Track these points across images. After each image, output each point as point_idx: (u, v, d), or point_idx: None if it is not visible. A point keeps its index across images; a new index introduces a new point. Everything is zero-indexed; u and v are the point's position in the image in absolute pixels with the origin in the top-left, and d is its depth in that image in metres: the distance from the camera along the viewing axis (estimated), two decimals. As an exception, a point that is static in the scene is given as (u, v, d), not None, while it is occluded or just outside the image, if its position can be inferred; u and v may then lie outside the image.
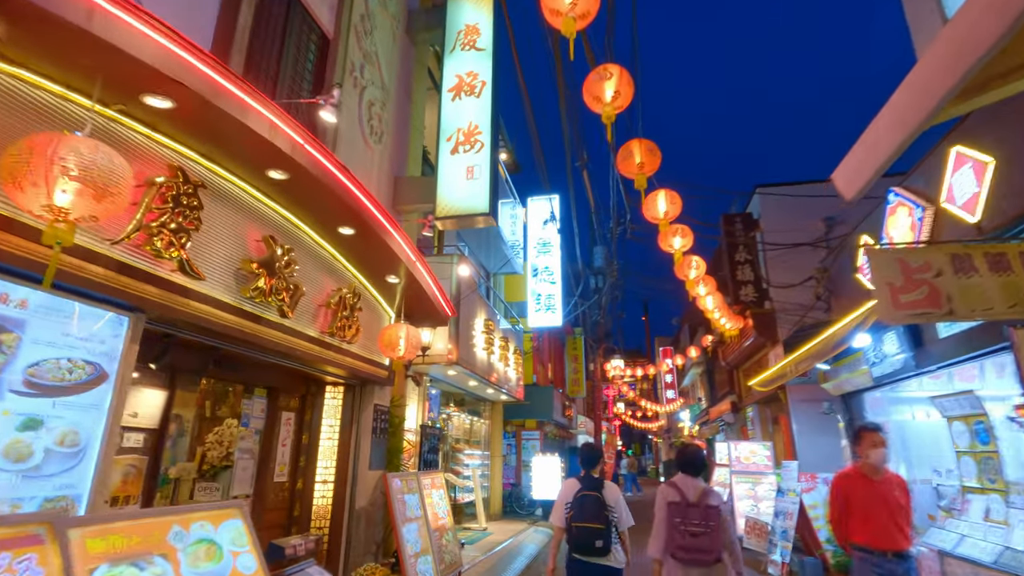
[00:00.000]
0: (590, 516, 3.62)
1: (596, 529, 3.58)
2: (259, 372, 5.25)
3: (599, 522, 3.59)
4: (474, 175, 7.04)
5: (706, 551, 3.32)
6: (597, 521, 3.59)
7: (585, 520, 3.62)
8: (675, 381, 33.76)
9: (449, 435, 11.62)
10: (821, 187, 11.91)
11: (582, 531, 3.61)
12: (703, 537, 3.35)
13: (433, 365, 8.57)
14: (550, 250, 15.16)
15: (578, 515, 3.67)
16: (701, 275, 6.88)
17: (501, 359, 10.87)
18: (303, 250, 4.85)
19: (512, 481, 15.53)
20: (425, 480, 6.14)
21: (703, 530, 3.37)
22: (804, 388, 10.31)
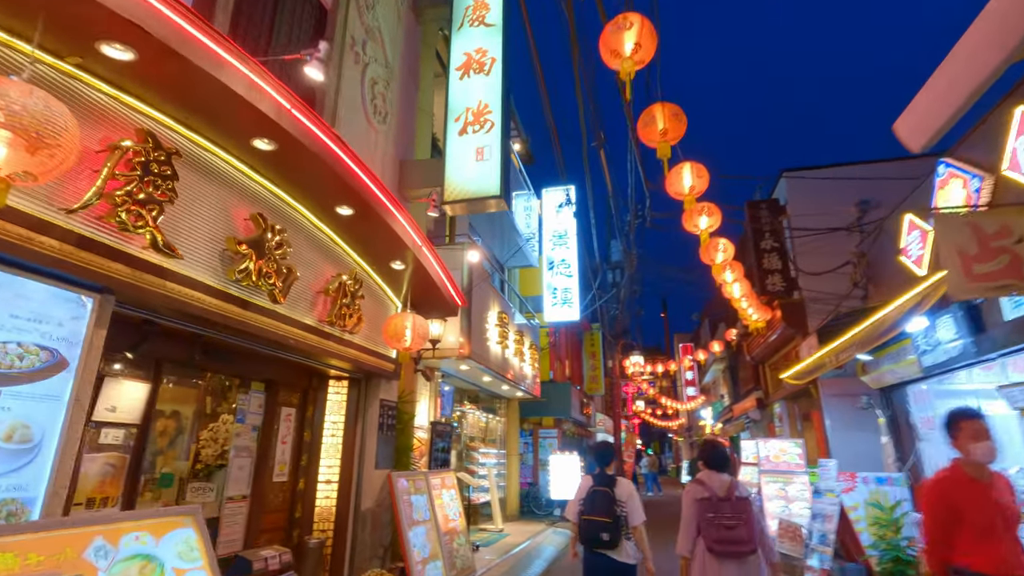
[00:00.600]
0: (598, 510, 3.77)
1: (603, 522, 3.72)
2: (255, 364, 4.91)
3: (606, 516, 3.73)
4: (484, 156, 6.64)
5: (742, 542, 3.34)
6: (605, 515, 3.73)
7: (593, 514, 3.78)
8: (695, 378, 33.02)
9: (464, 433, 11.26)
10: (852, 170, 11.33)
11: (589, 524, 3.78)
12: (738, 529, 3.37)
13: (444, 359, 8.19)
14: (566, 242, 14.69)
15: (588, 509, 3.84)
16: (729, 259, 6.40)
17: (516, 354, 10.47)
18: (297, 231, 4.49)
19: (529, 480, 15.13)
20: (435, 480, 5.76)
21: (737, 522, 3.39)
22: (838, 382, 9.71)
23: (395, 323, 5.43)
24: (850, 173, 11.04)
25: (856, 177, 10.41)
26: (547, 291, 14.47)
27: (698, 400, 31.20)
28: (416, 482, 5.33)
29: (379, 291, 5.95)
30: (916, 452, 6.85)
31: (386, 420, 6.15)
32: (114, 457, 3.66)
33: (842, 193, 10.84)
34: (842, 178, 10.63)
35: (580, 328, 21.75)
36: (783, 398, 12.72)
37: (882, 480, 7.07)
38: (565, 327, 17.85)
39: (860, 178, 10.36)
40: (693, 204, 4.83)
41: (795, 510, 9.60)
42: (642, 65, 3.67)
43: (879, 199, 10.52)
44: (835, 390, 9.81)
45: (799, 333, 10.60)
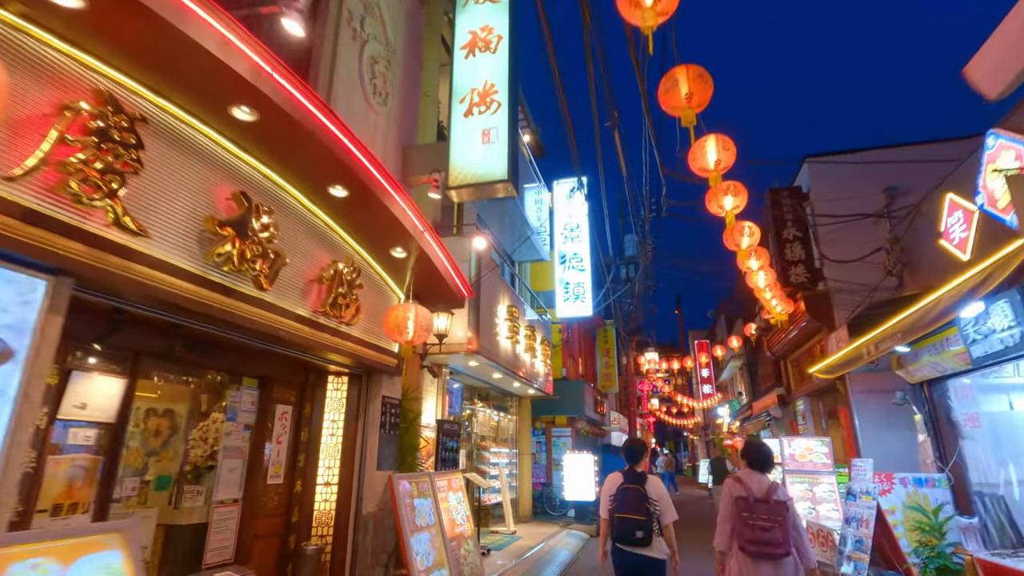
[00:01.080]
0: (631, 508, 3.74)
1: (637, 520, 3.70)
2: (247, 359, 4.58)
3: (640, 514, 3.71)
4: (491, 138, 6.26)
5: (776, 544, 3.31)
6: (638, 513, 3.71)
7: (626, 512, 3.75)
8: (712, 376, 32.37)
9: (474, 432, 10.90)
10: (878, 155, 10.77)
11: (623, 522, 3.74)
12: (773, 531, 3.33)
13: (452, 355, 7.84)
14: (578, 235, 14.27)
15: (619, 507, 3.80)
16: (754, 244, 5.95)
17: (527, 350, 10.09)
18: (287, 213, 4.15)
19: (542, 481, 14.74)
20: (440, 481, 5.40)
21: (772, 524, 3.36)
22: (868, 377, 9.20)
23: (396, 314, 5.08)
24: (876, 159, 10.51)
25: (885, 161, 9.87)
26: (559, 286, 14.08)
27: (714, 398, 30.55)
28: (420, 484, 4.97)
29: (379, 281, 5.60)
30: (959, 451, 6.35)
31: (389, 418, 5.80)
32: (85, 459, 3.34)
33: (868, 179, 10.32)
34: (870, 162, 10.08)
35: (593, 324, 21.30)
36: (807, 395, 12.20)
37: (922, 481, 6.59)
38: (578, 323, 17.43)
39: (890, 161, 9.81)
40: (719, 181, 4.41)
41: (823, 512, 9.12)
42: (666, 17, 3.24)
43: (907, 185, 10.01)
44: (865, 386, 9.30)
45: (824, 326, 10.10)
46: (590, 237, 14.32)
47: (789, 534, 3.37)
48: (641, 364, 20.57)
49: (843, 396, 9.63)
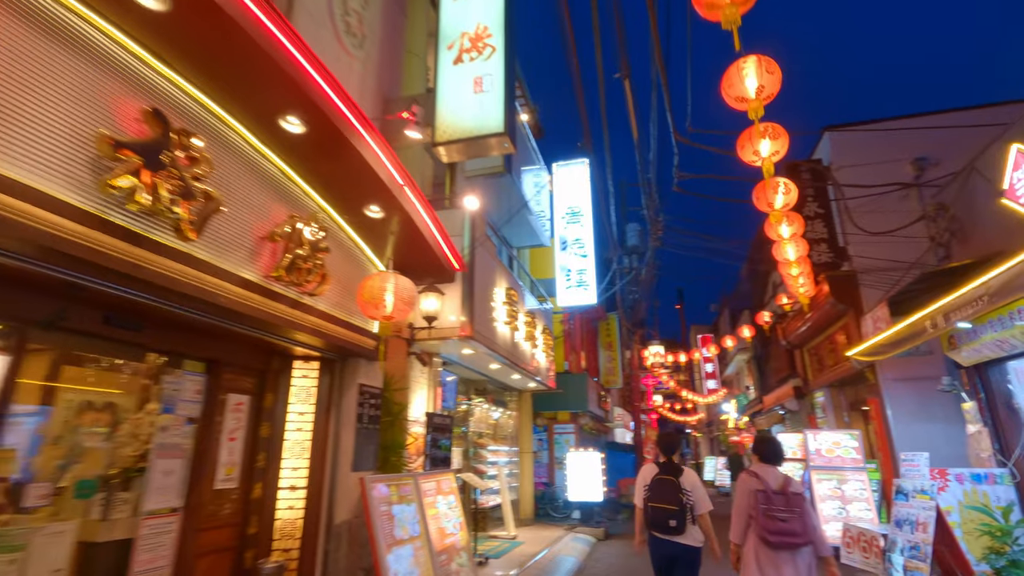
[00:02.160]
0: (665, 499, 3.85)
1: (670, 510, 3.81)
2: (188, 337, 3.75)
3: (673, 504, 3.81)
4: (484, 87, 5.45)
5: (796, 535, 3.41)
6: (671, 503, 3.82)
7: (660, 501, 3.87)
8: (716, 371, 31.57)
9: (471, 429, 10.07)
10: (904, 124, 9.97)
11: (657, 511, 3.87)
12: (792, 522, 3.43)
13: (444, 342, 7.01)
14: (580, 220, 13.45)
15: (654, 496, 3.93)
16: (790, 205, 5.12)
17: (528, 339, 9.26)
18: (227, 151, 3.32)
19: (544, 480, 13.92)
20: (427, 484, 4.57)
21: (790, 515, 3.45)
22: (902, 364, 8.39)
23: (372, 285, 4.25)
24: (902, 127, 9.70)
25: (912, 128, 9.08)
26: (560, 273, 13.25)
27: (719, 393, 29.77)
28: (401, 488, 4.14)
29: (352, 247, 4.77)
30: (1022, 442, 5.55)
31: (367, 411, 4.97)
32: (-60, 460, 2.51)
33: (894, 151, 9.53)
34: (897, 129, 9.29)
35: (595, 317, 20.48)
36: (827, 385, 11.39)
37: (980, 478, 5.78)
38: (580, 314, 16.60)
39: (919, 128, 9.02)
40: (760, 113, 3.59)
41: (853, 512, 8.32)
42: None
43: (937, 156, 9.21)
44: (899, 373, 8.49)
45: (850, 309, 9.28)
46: (593, 221, 13.50)
47: (808, 524, 3.47)
48: (645, 358, 19.74)
49: (873, 385, 8.82)
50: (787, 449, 12.38)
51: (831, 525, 8.27)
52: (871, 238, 8.83)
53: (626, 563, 8.30)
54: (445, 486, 4.91)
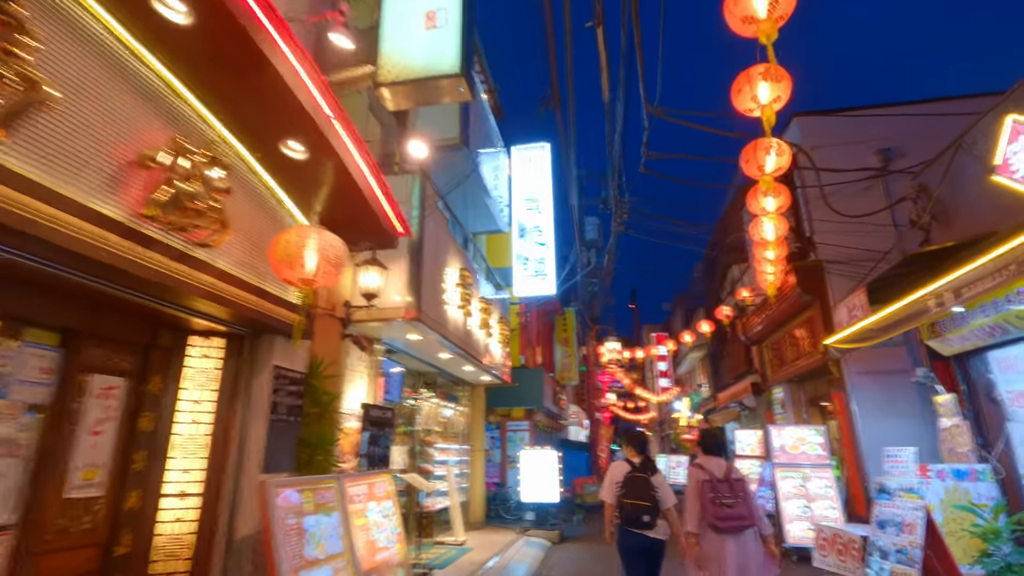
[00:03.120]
0: (639, 496, 4.03)
1: (644, 506, 3.99)
2: (28, 295, 2.80)
3: (647, 500, 4.00)
4: (437, 22, 4.66)
5: (741, 518, 3.70)
6: (645, 500, 4.00)
7: (634, 498, 4.04)
8: (669, 369, 31.74)
9: (419, 426, 9.23)
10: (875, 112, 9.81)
11: (632, 507, 4.02)
12: (737, 506, 3.73)
13: (387, 325, 6.15)
14: (539, 206, 12.79)
15: (628, 493, 4.07)
16: (782, 170, 4.60)
17: (482, 327, 8.50)
18: (69, 29, 2.40)
19: (496, 481, 13.19)
20: (355, 488, 3.74)
21: (735, 500, 3.76)
22: (867, 357, 8.13)
23: (287, 240, 3.38)
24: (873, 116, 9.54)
25: (888, 114, 8.91)
26: (517, 261, 12.54)
27: (672, 392, 29.89)
28: (319, 494, 3.29)
29: (268, 195, 3.88)
30: (1006, 436, 5.24)
31: (285, 399, 4.09)
32: None
33: (862, 141, 9.35)
34: (868, 116, 9.10)
35: (552, 311, 19.94)
36: (786, 381, 11.18)
37: (961, 474, 5.44)
38: (537, 307, 15.97)
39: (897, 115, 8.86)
40: (773, 35, 2.99)
41: (818, 510, 7.99)
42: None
43: (904, 147, 9.06)
44: (864, 366, 8.23)
45: (816, 300, 9.00)
46: (554, 207, 12.86)
47: (752, 507, 3.77)
48: (601, 354, 19.35)
49: (837, 379, 8.55)
50: (745, 446, 12.15)
51: (796, 524, 7.92)
52: (836, 228, 8.57)
53: (584, 569, 7.67)
54: (380, 490, 4.09)
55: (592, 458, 16.85)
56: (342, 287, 5.65)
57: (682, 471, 19.01)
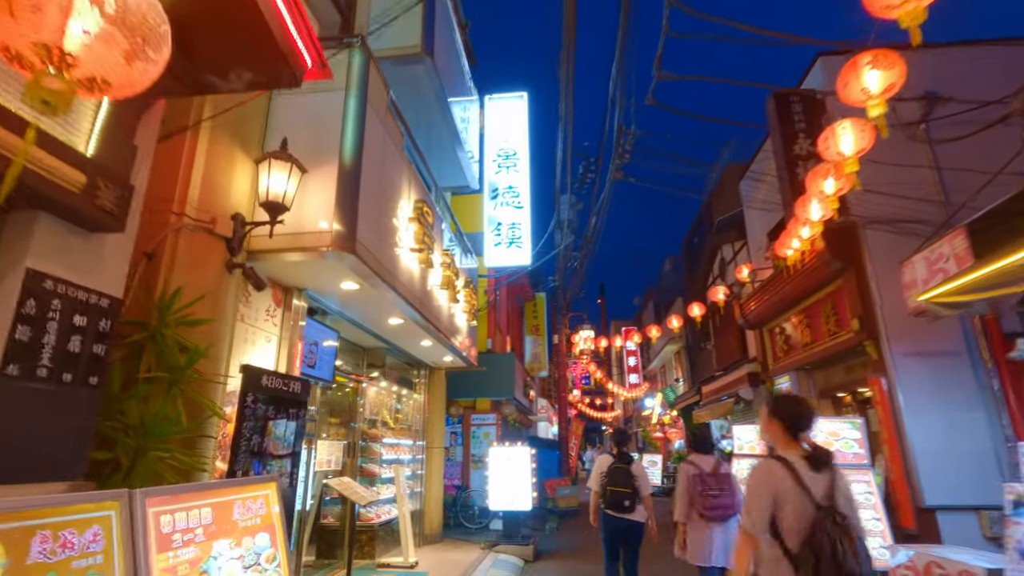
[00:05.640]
0: (620, 483, 4.75)
1: (624, 492, 4.72)
2: None
3: (627, 487, 4.72)
4: None
5: (727, 507, 4.21)
6: (625, 487, 4.73)
7: (616, 485, 4.76)
8: (639, 364, 30.51)
9: (362, 416, 7.29)
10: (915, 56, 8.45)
11: (614, 494, 4.75)
12: (724, 497, 4.23)
13: (307, 261, 4.22)
14: (515, 163, 11.03)
15: (611, 481, 4.79)
16: (893, 89, 3.11)
17: (446, 287, 6.62)
18: None
19: (457, 483, 11.31)
20: (181, 517, 1.82)
21: (722, 492, 4.26)
22: (916, 333, 6.69)
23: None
24: (913, 59, 8.17)
25: (926, 55, 7.50)
26: (489, 227, 10.75)
27: (642, 388, 28.64)
28: (64, 538, 1.39)
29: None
30: None
31: (61, 339, 2.13)
32: None
33: (898, 84, 7.93)
34: (912, 53, 7.69)
35: (522, 296, 18.19)
36: (793, 369, 9.72)
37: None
38: (506, 286, 14.17)
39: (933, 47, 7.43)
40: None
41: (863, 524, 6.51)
42: None
43: (948, 89, 7.69)
44: (912, 345, 6.77)
45: (847, 268, 7.51)
46: (530, 166, 11.10)
47: (737, 497, 4.22)
48: (575, 343, 17.73)
49: (876, 362, 7.06)
50: (744, 443, 10.68)
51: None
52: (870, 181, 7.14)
53: (570, 601, 5.93)
54: (250, 513, 2.18)
55: (563, 457, 15.16)
56: (229, 190, 3.69)
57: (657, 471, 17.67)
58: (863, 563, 2.06)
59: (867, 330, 7.10)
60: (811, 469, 2.26)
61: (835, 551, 2.02)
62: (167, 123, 3.27)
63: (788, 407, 2.44)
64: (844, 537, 2.07)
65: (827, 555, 2.03)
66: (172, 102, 3.10)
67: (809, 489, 2.18)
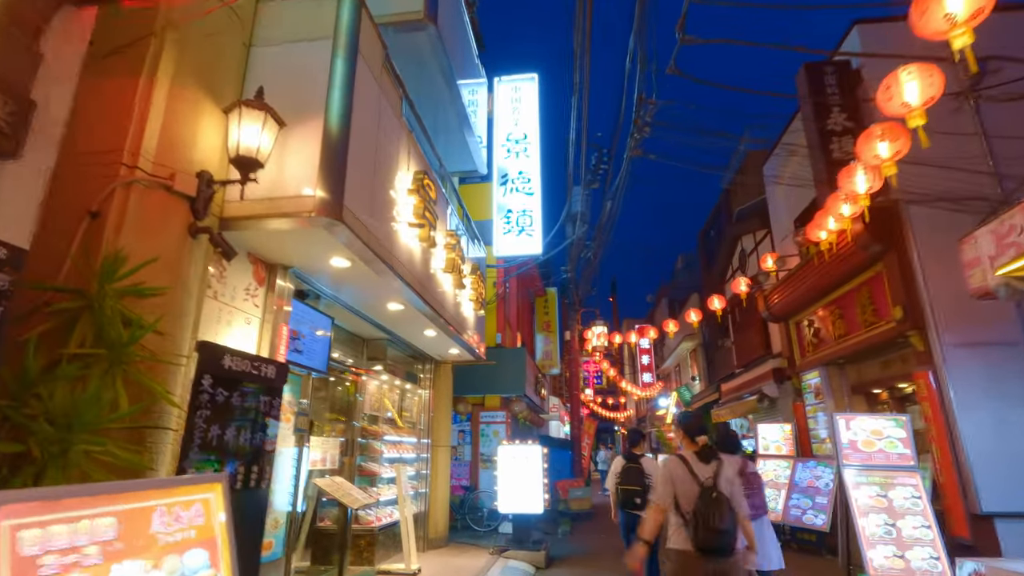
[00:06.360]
0: (632, 482, 5.26)
1: (635, 490, 5.18)
2: None
3: (638, 485, 5.20)
4: None
5: (757, 508, 4.39)
6: (637, 485, 5.21)
7: (628, 484, 5.28)
8: (652, 363, 29.82)
9: (361, 412, 6.81)
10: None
11: (626, 492, 5.26)
12: (752, 497, 4.19)
13: (289, 231, 3.73)
14: (526, 148, 10.49)
15: (624, 480, 5.33)
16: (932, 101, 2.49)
17: (450, 271, 6.10)
18: None
19: (465, 484, 10.81)
20: (58, 532, 1.31)
21: (751, 492, 4.24)
22: (971, 322, 6.07)
23: None
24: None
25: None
26: (498, 214, 10.22)
27: (655, 387, 27.96)
28: None
29: None
30: None
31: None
32: None
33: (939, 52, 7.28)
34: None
35: (532, 291, 17.64)
36: (823, 364, 9.09)
37: None
38: (516, 277, 13.64)
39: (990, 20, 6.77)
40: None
41: (906, 531, 5.89)
42: None
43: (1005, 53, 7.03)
44: (964, 335, 6.15)
45: (888, 251, 6.89)
46: (541, 151, 10.55)
47: (764, 498, 4.67)
48: (588, 339, 17.14)
49: (922, 354, 6.43)
50: (769, 443, 10.08)
51: (879, 550, 5.79)
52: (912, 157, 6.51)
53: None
54: (178, 524, 1.68)
55: (575, 457, 14.59)
56: (194, 144, 3.20)
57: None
58: (728, 524, 2.90)
59: (911, 319, 6.49)
60: (700, 461, 3.14)
61: (709, 516, 2.90)
62: (121, 60, 2.79)
63: (687, 420, 3.40)
64: (717, 506, 2.92)
65: (703, 518, 2.91)
66: (119, 31, 2.61)
67: (697, 475, 3.05)
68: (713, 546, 2.86)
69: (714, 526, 2.85)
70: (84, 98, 2.82)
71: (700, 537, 2.88)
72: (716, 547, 2.87)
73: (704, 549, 2.88)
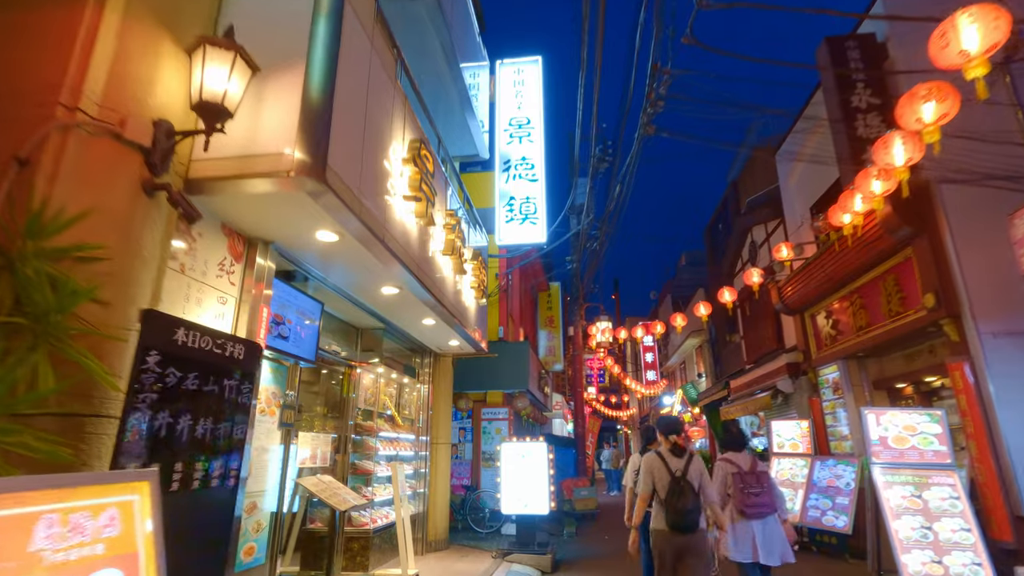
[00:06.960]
0: None
1: None
2: None
3: None
4: None
5: (766, 505, 4.22)
6: None
7: None
8: (656, 361, 29.35)
9: (355, 407, 6.37)
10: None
11: None
12: (763, 496, 4.24)
13: (268, 195, 3.30)
14: (529, 133, 10.05)
15: None
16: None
17: (449, 253, 5.66)
18: None
19: (466, 483, 10.37)
20: None
21: (761, 490, 4.27)
22: (1012, 308, 5.63)
23: None
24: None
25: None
26: (500, 202, 9.79)
27: (660, 384, 27.49)
28: None
29: None
30: None
31: None
32: None
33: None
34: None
35: (535, 286, 17.21)
36: (842, 357, 8.63)
37: None
38: (519, 268, 13.20)
39: None
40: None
41: (943, 534, 5.46)
42: None
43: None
44: (1003, 324, 5.71)
45: (918, 235, 6.44)
46: (545, 136, 10.12)
47: (774, 496, 4.30)
48: (592, 335, 16.70)
49: (957, 345, 5.99)
50: (784, 440, 9.63)
51: (914, 555, 5.35)
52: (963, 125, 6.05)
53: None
54: (79, 538, 1.24)
55: (579, 455, 14.15)
56: (151, 87, 2.76)
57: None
58: (691, 505, 3.53)
59: (945, 307, 6.04)
60: (673, 456, 3.78)
61: (678, 499, 3.55)
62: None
63: (664, 421, 4.01)
64: (683, 492, 3.57)
65: (672, 502, 3.56)
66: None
67: (670, 467, 3.69)
68: (680, 524, 3.50)
69: (680, 507, 3.51)
70: (13, 23, 2.39)
71: (670, 517, 3.54)
72: (683, 525, 3.51)
73: (673, 527, 3.53)
